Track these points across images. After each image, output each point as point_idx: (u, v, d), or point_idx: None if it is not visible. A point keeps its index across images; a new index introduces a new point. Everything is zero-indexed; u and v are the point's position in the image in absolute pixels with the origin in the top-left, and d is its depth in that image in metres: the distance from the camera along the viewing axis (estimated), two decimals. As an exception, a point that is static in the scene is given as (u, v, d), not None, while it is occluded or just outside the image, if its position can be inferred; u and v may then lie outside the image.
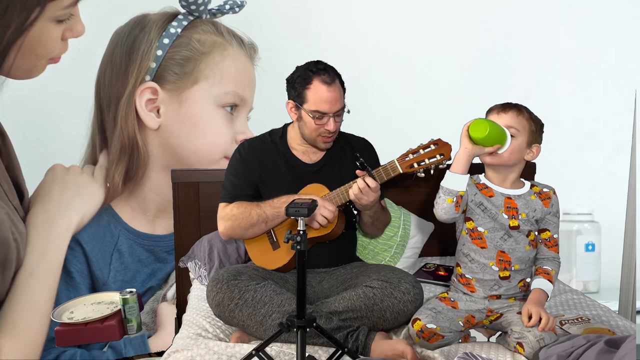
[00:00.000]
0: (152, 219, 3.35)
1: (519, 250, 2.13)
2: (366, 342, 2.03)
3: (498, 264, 2.13)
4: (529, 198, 2.15)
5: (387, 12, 3.47)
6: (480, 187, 2.16)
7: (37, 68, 3.12)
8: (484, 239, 2.13)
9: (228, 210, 2.36)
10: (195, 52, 3.26)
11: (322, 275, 2.36)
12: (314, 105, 2.25)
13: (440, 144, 2.23)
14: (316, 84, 2.24)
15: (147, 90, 3.23)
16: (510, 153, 2.08)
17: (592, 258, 3.76)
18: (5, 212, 2.97)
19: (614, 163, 3.56)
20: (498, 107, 2.12)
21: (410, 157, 2.23)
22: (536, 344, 1.91)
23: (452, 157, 2.17)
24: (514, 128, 2.08)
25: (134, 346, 3.22)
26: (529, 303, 2.03)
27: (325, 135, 2.30)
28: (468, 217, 2.16)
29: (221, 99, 3.29)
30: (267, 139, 2.46)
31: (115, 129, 3.23)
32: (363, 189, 2.18)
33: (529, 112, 2.12)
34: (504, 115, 2.09)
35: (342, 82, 2.30)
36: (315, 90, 2.24)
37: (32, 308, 3.10)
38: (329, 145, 2.36)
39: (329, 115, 2.25)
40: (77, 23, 3.11)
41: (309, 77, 2.25)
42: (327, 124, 2.27)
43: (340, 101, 2.27)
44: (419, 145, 2.24)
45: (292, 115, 2.35)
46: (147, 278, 3.36)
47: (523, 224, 2.12)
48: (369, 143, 2.51)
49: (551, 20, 3.56)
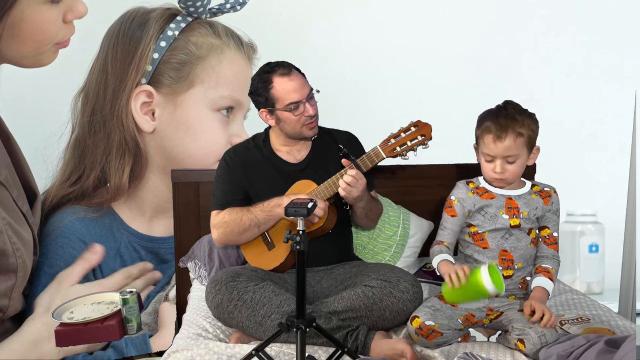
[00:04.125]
0: (150, 220, 3.35)
1: (520, 248, 2.14)
2: (366, 341, 2.03)
3: (501, 263, 2.13)
4: (529, 197, 2.15)
5: (388, 12, 3.47)
6: (480, 191, 2.16)
7: (46, 55, 3.08)
8: (485, 240, 2.14)
9: (220, 217, 2.37)
10: (192, 55, 3.24)
11: (321, 275, 2.36)
12: (286, 100, 2.27)
13: (420, 125, 2.24)
14: (277, 80, 2.27)
15: (143, 94, 3.22)
16: (515, 177, 2.11)
17: (595, 259, 3.75)
18: (6, 223, 2.94)
19: (618, 164, 3.54)
20: (493, 133, 2.05)
21: (392, 142, 2.25)
22: (537, 340, 1.91)
23: (432, 136, 2.20)
24: (514, 155, 2.06)
25: (135, 346, 3.22)
26: (532, 300, 2.03)
27: (308, 123, 2.31)
28: (469, 223, 2.17)
29: (217, 103, 3.28)
30: (251, 144, 2.47)
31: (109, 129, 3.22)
32: (351, 182, 2.19)
33: (522, 123, 2.05)
34: (500, 145, 2.04)
35: (297, 69, 2.33)
36: (279, 86, 2.27)
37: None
38: (316, 131, 2.36)
39: (302, 101, 2.27)
40: (76, 3, 3.05)
41: (267, 78, 2.28)
42: (305, 111, 2.28)
43: (306, 85, 2.30)
44: (400, 129, 2.25)
45: (271, 122, 2.36)
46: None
47: (524, 222, 2.13)
48: (352, 135, 2.52)
49: (552, 21, 3.55)
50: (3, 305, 3.02)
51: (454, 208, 2.18)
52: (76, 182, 3.28)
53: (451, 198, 2.20)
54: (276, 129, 2.38)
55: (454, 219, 2.17)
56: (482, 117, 2.12)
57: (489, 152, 2.08)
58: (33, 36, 2.99)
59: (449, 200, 2.21)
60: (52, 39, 3.04)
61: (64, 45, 3.09)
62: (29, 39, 2.99)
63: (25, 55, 3.04)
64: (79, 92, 3.24)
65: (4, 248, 2.93)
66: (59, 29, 3.04)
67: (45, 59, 3.09)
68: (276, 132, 2.41)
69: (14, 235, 2.97)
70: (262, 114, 2.36)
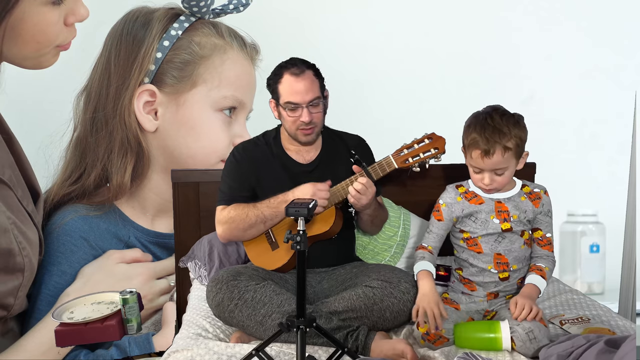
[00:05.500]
0: (152, 219, 3.35)
1: (514, 250, 2.13)
2: (366, 341, 2.03)
3: (496, 267, 2.13)
4: (518, 200, 2.14)
5: (389, 13, 3.47)
6: (468, 196, 2.16)
7: (47, 57, 3.07)
8: (479, 245, 2.14)
9: (225, 213, 2.37)
10: (195, 55, 3.24)
11: (322, 275, 2.36)
12: (285, 98, 2.27)
13: (434, 138, 2.24)
14: (286, 77, 2.28)
15: (145, 93, 3.22)
16: (504, 185, 2.10)
17: (596, 259, 3.74)
18: (11, 222, 2.95)
19: (618, 164, 3.54)
20: (480, 148, 2.01)
21: (404, 152, 2.24)
22: (525, 336, 1.92)
23: (446, 150, 2.20)
24: (502, 168, 2.04)
25: (138, 344, 3.22)
26: (518, 296, 2.04)
27: (303, 128, 2.30)
28: (461, 229, 2.17)
29: (219, 103, 3.28)
30: (261, 140, 2.47)
31: (112, 127, 3.22)
32: (361, 189, 2.18)
33: (509, 134, 2.00)
34: (488, 161, 2.02)
35: (317, 73, 2.31)
36: (285, 83, 2.27)
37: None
38: (309, 139, 2.35)
39: (302, 106, 2.26)
40: (78, 6, 3.04)
41: (280, 72, 2.30)
42: (301, 116, 2.27)
43: (313, 91, 2.27)
44: (413, 140, 2.25)
45: (275, 114, 2.37)
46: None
47: (515, 225, 2.12)
48: (363, 140, 2.51)
49: (552, 21, 3.55)
50: (8, 304, 3.02)
51: (441, 212, 2.19)
52: (77, 180, 3.28)
53: (439, 202, 2.21)
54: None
55: (441, 223, 2.19)
56: (468, 125, 2.08)
57: (476, 165, 2.07)
58: (34, 37, 2.98)
59: (437, 203, 2.21)
60: (53, 41, 3.04)
61: (65, 48, 3.09)
62: (30, 40, 2.98)
63: (26, 57, 3.03)
64: (81, 91, 3.25)
65: (10, 247, 2.94)
66: (60, 31, 3.03)
67: (46, 61, 3.09)
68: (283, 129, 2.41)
69: (19, 235, 2.97)
70: (271, 104, 2.37)
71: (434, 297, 2.02)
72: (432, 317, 1.97)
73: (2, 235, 2.91)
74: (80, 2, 3.07)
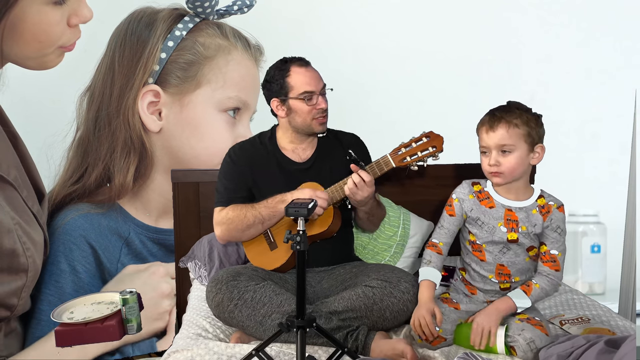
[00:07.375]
0: (155, 220, 3.35)
1: (518, 263, 2.09)
2: (366, 341, 2.04)
3: (498, 277, 2.11)
4: (530, 212, 2.07)
5: (389, 14, 3.47)
6: (481, 196, 2.11)
7: (50, 57, 3.06)
8: (483, 252, 2.11)
9: (223, 214, 2.37)
10: (199, 56, 3.24)
11: (322, 275, 2.36)
12: (300, 88, 2.29)
13: (432, 136, 2.22)
14: (295, 69, 2.31)
15: (149, 93, 3.22)
16: (512, 171, 2.01)
17: (597, 259, 3.74)
18: (15, 223, 2.95)
19: (619, 164, 3.53)
20: (486, 124, 2.01)
21: (402, 151, 2.23)
22: (527, 347, 1.92)
23: (444, 149, 2.19)
24: (508, 145, 1.98)
25: (139, 344, 3.23)
26: (482, 312, 2.02)
27: (319, 116, 2.32)
28: (469, 231, 2.14)
29: (223, 104, 3.27)
30: (257, 141, 2.48)
31: (114, 127, 3.23)
32: (358, 183, 2.18)
33: (518, 115, 1.98)
34: (493, 135, 1.99)
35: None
36: (296, 75, 2.30)
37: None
38: (324, 128, 2.36)
39: (317, 93, 2.29)
40: (82, 7, 3.03)
41: (285, 67, 2.32)
42: (318, 103, 2.30)
43: (321, 81, 2.33)
44: (411, 139, 2.24)
45: (280, 113, 2.37)
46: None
47: (523, 237, 2.06)
48: (358, 138, 2.52)
49: (552, 21, 3.55)
50: (12, 304, 3.03)
51: (453, 207, 2.15)
52: (78, 180, 3.28)
53: (452, 196, 2.16)
54: (284, 124, 2.39)
55: (452, 218, 2.14)
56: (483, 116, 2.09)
57: (483, 144, 2.03)
58: (35, 37, 2.97)
59: (450, 198, 2.17)
60: (55, 41, 3.03)
61: (69, 49, 3.08)
62: (32, 40, 2.97)
63: (29, 56, 3.03)
64: (84, 91, 3.25)
65: (14, 248, 2.94)
66: (63, 31, 3.03)
67: (50, 62, 3.08)
68: (284, 127, 2.41)
69: (23, 235, 2.98)
70: (274, 104, 2.37)
71: (428, 306, 2.01)
72: (426, 325, 1.98)
73: (6, 235, 2.92)
74: (84, 3, 3.07)
